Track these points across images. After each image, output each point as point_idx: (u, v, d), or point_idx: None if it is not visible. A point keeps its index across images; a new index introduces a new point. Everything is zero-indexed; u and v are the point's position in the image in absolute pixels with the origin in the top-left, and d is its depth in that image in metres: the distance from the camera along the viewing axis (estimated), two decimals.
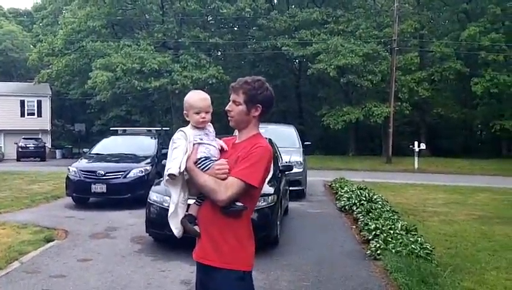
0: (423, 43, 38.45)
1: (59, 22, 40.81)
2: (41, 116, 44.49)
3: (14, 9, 63.56)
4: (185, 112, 2.93)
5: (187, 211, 2.86)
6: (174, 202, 2.84)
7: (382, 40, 35.75)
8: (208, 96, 2.95)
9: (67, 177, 12.08)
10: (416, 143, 28.97)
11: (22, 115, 44.11)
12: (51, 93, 45.18)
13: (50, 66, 39.09)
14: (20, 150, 38.58)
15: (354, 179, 17.87)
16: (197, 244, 2.87)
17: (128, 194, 11.45)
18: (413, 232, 8.08)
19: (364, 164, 30.51)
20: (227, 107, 2.88)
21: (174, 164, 2.74)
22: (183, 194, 2.85)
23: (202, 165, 2.77)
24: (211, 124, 2.99)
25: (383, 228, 8.17)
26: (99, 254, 7.29)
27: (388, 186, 17.75)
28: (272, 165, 3.20)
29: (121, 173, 11.72)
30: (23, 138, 39.66)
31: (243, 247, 2.76)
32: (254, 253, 2.86)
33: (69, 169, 12.21)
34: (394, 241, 7.32)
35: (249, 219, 2.85)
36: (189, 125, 2.91)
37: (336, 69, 33.55)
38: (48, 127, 44.86)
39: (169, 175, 2.73)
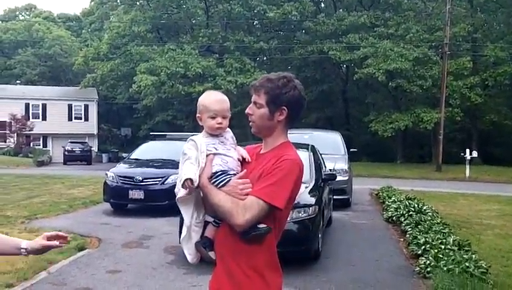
0: (476, 47, 36.93)
1: (105, 27, 41.50)
2: (88, 120, 45.39)
3: (63, 14, 65.37)
4: (198, 115, 2.46)
5: (203, 232, 2.41)
6: (186, 224, 2.38)
7: (433, 44, 34.56)
8: (226, 99, 2.48)
9: (105, 183, 11.88)
10: (467, 151, 27.73)
11: (70, 119, 45.14)
12: (97, 97, 46.01)
13: (95, 71, 39.68)
14: (66, 153, 39.11)
15: (402, 187, 17.07)
16: (213, 273, 2.41)
17: (166, 201, 11.07)
18: (466, 248, 7.45)
19: (412, 171, 29.44)
20: (247, 110, 2.42)
21: (190, 171, 2.28)
22: (196, 214, 2.39)
23: (218, 180, 2.31)
24: (229, 130, 2.51)
25: (434, 243, 7.53)
26: (129, 265, 6.97)
27: (438, 195, 16.86)
28: (314, 174, 2.66)
29: (158, 179, 11.42)
30: (70, 142, 40.35)
31: (264, 281, 2.27)
32: (281, 287, 2.36)
33: (106, 174, 12.01)
34: (446, 258, 6.67)
35: (274, 245, 2.34)
36: (203, 133, 2.45)
37: (384, 73, 32.67)
38: (95, 131, 45.66)
39: (185, 181, 2.25)
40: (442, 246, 7.27)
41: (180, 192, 2.31)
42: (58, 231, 7.93)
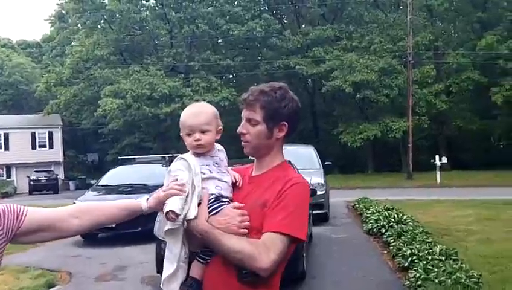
0: (438, 55, 37.63)
1: (66, 52, 40.84)
2: (53, 148, 44.18)
3: (23, 40, 63.96)
4: (180, 133, 2.14)
5: (187, 272, 2.05)
6: (172, 260, 2.01)
7: (397, 54, 35.04)
8: (204, 110, 2.14)
9: None
10: (437, 157, 27.98)
11: (34, 147, 43.80)
12: (61, 124, 44.95)
13: (58, 97, 38.87)
14: (32, 183, 38.12)
15: (377, 197, 16.92)
16: None
17: (138, 228, 10.59)
18: (453, 257, 7.22)
19: (384, 181, 29.53)
20: (240, 129, 2.10)
21: (173, 202, 1.92)
22: (184, 247, 2.03)
23: (214, 210, 1.99)
24: (222, 149, 2.18)
25: (421, 254, 7.28)
26: None
27: (414, 204, 16.75)
28: None
29: None
30: (35, 171, 39.26)
31: None
32: None
33: (74, 203, 11.45)
34: (436, 270, 6.43)
35: (278, 283, 2.03)
36: (190, 152, 2.11)
37: (351, 85, 32.88)
38: (60, 158, 44.51)
39: (167, 213, 1.89)
40: (430, 257, 7.03)
41: (167, 223, 1.96)
42: (25, 267, 7.26)
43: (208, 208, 1.97)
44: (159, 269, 6.94)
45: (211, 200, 2.00)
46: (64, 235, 2.01)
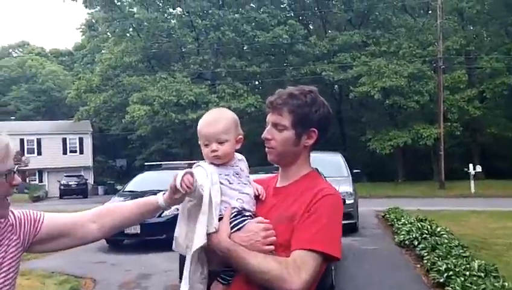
0: (470, 59, 36.79)
1: (96, 60, 41.45)
2: (83, 153, 45.04)
3: (55, 49, 65.67)
4: (199, 142, 1.93)
5: None
6: (187, 280, 1.79)
7: (427, 59, 34.42)
8: (222, 117, 1.92)
9: None
10: (471, 165, 27.25)
11: (64, 152, 44.80)
12: (92, 130, 45.76)
13: (88, 103, 39.42)
14: (62, 187, 38.75)
15: (407, 207, 16.49)
16: None
17: (163, 235, 10.42)
18: (493, 274, 6.79)
19: (415, 190, 28.84)
20: (264, 134, 1.89)
21: (199, 228, 1.74)
22: (200, 268, 1.81)
23: (236, 226, 1.78)
24: (243, 159, 1.96)
25: (457, 269, 6.89)
26: None
27: (447, 214, 16.23)
28: None
29: None
30: (65, 176, 39.98)
31: None
32: None
33: None
34: (475, 287, 6.05)
35: None
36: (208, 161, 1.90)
37: (380, 91, 32.40)
38: (90, 163, 45.24)
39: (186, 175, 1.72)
40: (467, 273, 6.66)
41: (198, 241, 1.74)
42: (51, 272, 7.10)
43: (230, 224, 1.77)
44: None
45: (233, 215, 1.79)
46: (83, 241, 1.89)
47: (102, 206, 1.97)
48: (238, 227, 1.77)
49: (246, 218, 1.80)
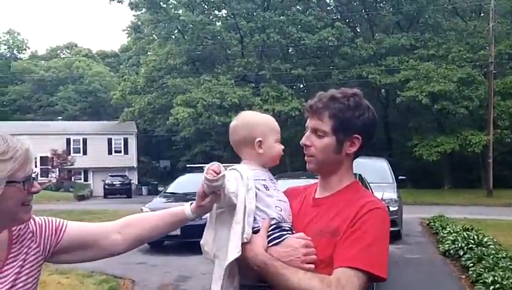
0: None
1: (141, 62, 42.10)
2: (127, 154, 45.82)
3: (101, 51, 67.13)
4: (259, 139, 1.80)
5: None
6: None
7: (477, 64, 33.45)
8: None
9: None
10: None
11: (109, 152, 45.68)
12: (136, 130, 46.49)
13: (133, 105, 40.07)
14: (106, 187, 39.36)
15: (454, 215, 16.01)
16: None
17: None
18: None
19: (462, 198, 28.01)
20: (303, 141, 1.77)
21: (233, 239, 1.65)
22: (233, 281, 1.69)
23: (274, 240, 1.66)
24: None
25: (504, 282, 6.58)
26: None
27: (495, 224, 15.64)
28: None
29: None
30: (110, 175, 40.58)
31: None
32: None
33: (142, 210, 11.49)
34: None
35: None
36: (246, 164, 1.79)
37: (428, 96, 31.69)
38: (135, 164, 45.97)
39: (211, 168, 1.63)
40: None
41: (233, 252, 1.64)
42: (91, 272, 7.16)
43: (267, 237, 1.65)
44: None
45: (271, 227, 1.67)
46: (107, 254, 1.80)
47: (130, 216, 1.87)
48: (275, 241, 1.65)
49: (286, 232, 1.68)
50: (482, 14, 37.66)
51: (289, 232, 1.69)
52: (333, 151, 1.73)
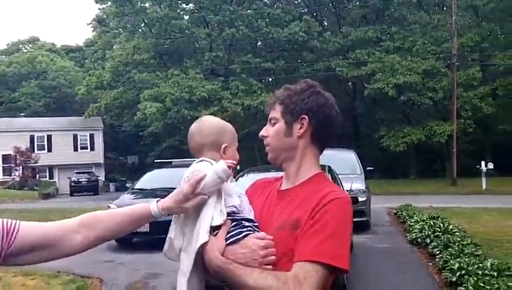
0: (484, 56, 36.41)
1: (107, 56, 41.47)
2: (94, 150, 45.15)
3: (66, 45, 65.65)
4: (225, 145, 1.83)
5: None
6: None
7: (441, 56, 34.09)
8: None
9: None
10: (483, 163, 26.95)
11: (75, 149, 44.94)
12: (103, 126, 45.83)
13: (99, 100, 39.45)
14: (73, 184, 38.71)
15: (419, 204, 16.25)
16: None
17: None
18: (506, 273, 6.62)
19: (428, 187, 28.59)
20: (261, 132, 1.79)
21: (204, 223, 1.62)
22: (199, 272, 1.67)
23: (232, 237, 1.63)
24: None
25: (470, 268, 6.73)
26: None
27: (459, 212, 16.00)
28: None
29: None
30: (76, 172, 39.93)
31: None
32: None
33: (109, 207, 11.31)
34: (488, 287, 5.88)
35: None
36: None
37: (394, 88, 32.20)
38: (101, 160, 45.33)
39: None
40: (480, 272, 6.50)
41: (203, 236, 1.62)
42: (57, 272, 6.93)
43: (229, 238, 1.62)
44: None
45: (233, 226, 1.65)
46: (64, 254, 1.70)
47: (90, 214, 1.77)
48: (234, 238, 1.62)
49: (245, 229, 1.64)
50: (445, 8, 38.31)
51: (249, 228, 1.66)
52: (283, 135, 1.74)
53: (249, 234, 1.63)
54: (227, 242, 1.61)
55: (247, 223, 1.66)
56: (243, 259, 1.56)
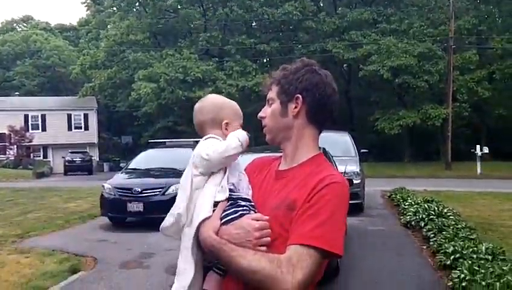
0: (482, 40, 36.27)
1: (101, 36, 41.15)
2: (88, 130, 44.97)
3: (60, 24, 65.13)
4: (225, 121, 1.82)
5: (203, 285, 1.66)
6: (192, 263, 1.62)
7: (437, 39, 33.91)
8: None
9: (102, 195, 11.14)
10: (478, 147, 26.99)
11: (69, 128, 44.73)
12: (97, 106, 45.64)
13: (93, 80, 39.19)
14: (67, 164, 38.70)
15: (413, 187, 16.33)
16: None
17: (167, 213, 10.31)
18: (501, 257, 6.64)
19: (422, 170, 28.67)
20: (260, 114, 1.78)
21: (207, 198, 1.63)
22: (198, 250, 1.64)
23: (227, 217, 1.60)
24: None
25: (464, 252, 6.74)
26: None
27: (453, 195, 16.07)
28: None
29: (159, 190, 10.66)
30: (70, 152, 39.84)
31: None
32: None
33: (103, 186, 11.26)
34: (482, 271, 5.86)
35: None
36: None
37: (389, 70, 32.03)
38: (95, 140, 45.19)
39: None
40: (475, 256, 6.51)
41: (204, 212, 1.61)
42: (51, 250, 6.93)
43: (223, 218, 1.60)
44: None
45: (229, 205, 1.62)
46: None
47: None
48: (230, 217, 1.59)
49: (243, 209, 1.61)
50: None
51: (245, 207, 1.63)
52: (279, 114, 1.72)
53: (244, 214, 1.60)
54: (222, 221, 1.59)
55: (243, 203, 1.64)
56: (237, 239, 1.54)
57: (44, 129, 43.98)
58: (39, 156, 43.00)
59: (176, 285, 1.64)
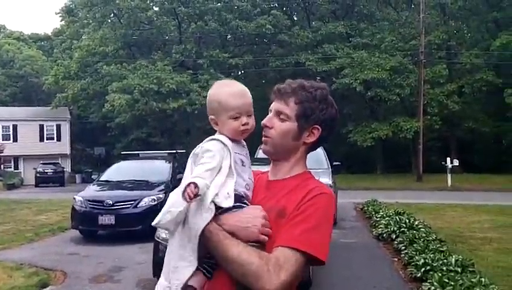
0: (451, 54, 37.05)
1: (75, 46, 40.79)
2: (60, 141, 44.24)
3: (34, 34, 64.11)
4: (211, 116, 1.75)
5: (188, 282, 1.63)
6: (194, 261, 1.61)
7: (408, 53, 34.59)
8: (245, 88, 1.79)
9: (73, 208, 11.00)
10: (448, 159, 27.43)
11: (41, 139, 43.91)
12: (70, 117, 45.02)
13: (66, 90, 38.74)
14: (38, 175, 38.06)
15: (386, 199, 16.52)
16: None
17: (139, 226, 10.21)
18: (470, 269, 6.78)
19: (394, 182, 28.99)
20: (264, 121, 1.75)
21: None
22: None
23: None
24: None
25: (434, 264, 6.85)
26: None
27: (425, 207, 16.31)
28: None
29: (131, 203, 10.58)
30: (42, 163, 39.16)
31: None
32: None
33: (74, 198, 11.11)
34: (452, 283, 5.96)
35: None
36: (224, 136, 1.73)
37: (362, 83, 32.44)
38: (68, 151, 44.54)
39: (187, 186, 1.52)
40: (445, 268, 6.62)
41: (166, 215, 1.56)
42: (19, 264, 6.82)
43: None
44: (156, 272, 6.52)
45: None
46: None
47: None
48: (232, 211, 1.61)
49: (243, 205, 1.65)
50: (413, 6, 38.87)
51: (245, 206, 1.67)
52: (292, 137, 1.73)
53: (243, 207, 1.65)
54: (220, 211, 1.59)
55: (245, 201, 1.68)
56: (244, 223, 1.58)
57: (15, 140, 43.05)
58: (10, 167, 42.04)
59: (163, 282, 1.63)
